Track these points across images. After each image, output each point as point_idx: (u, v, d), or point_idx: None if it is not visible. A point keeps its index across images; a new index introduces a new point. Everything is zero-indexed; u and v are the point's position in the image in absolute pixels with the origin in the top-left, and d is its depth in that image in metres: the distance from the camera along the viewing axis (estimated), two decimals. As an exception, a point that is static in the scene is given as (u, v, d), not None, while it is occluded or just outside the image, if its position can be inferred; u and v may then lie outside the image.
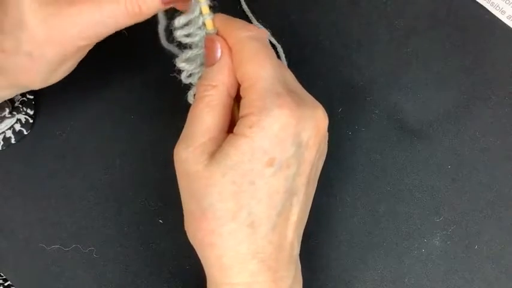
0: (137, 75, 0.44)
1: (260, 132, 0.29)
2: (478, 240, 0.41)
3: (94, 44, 0.35)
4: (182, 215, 0.41)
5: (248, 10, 0.44)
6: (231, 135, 0.30)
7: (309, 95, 0.33)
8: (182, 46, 0.34)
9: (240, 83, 0.31)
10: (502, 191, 0.42)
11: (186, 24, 0.33)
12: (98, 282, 0.40)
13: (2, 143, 0.42)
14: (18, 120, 0.42)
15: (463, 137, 0.43)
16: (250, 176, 0.29)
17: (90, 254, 0.41)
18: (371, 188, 0.42)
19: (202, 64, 0.34)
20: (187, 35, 0.34)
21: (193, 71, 0.34)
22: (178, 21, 0.33)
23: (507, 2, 0.44)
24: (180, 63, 0.34)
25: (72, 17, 0.32)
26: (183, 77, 0.35)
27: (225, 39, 0.32)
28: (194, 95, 0.33)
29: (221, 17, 0.33)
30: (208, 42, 0.32)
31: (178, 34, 0.33)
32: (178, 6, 0.33)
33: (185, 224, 0.32)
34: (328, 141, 0.34)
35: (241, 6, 0.44)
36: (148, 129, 0.43)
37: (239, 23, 0.32)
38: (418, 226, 0.41)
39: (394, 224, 0.41)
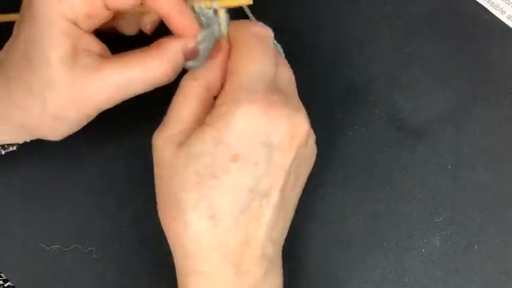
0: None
1: (226, 124, 0.29)
2: (478, 240, 0.41)
3: None
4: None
5: (248, 10, 0.44)
6: (201, 125, 0.30)
7: (297, 99, 0.33)
8: None
9: (227, 75, 0.31)
10: (502, 191, 0.42)
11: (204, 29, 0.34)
12: (98, 282, 0.40)
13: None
14: None
15: (463, 137, 0.43)
16: (213, 168, 0.29)
17: (90, 254, 0.41)
18: (371, 188, 0.42)
19: None
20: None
21: None
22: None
23: (507, 2, 0.44)
24: (188, 63, 0.34)
25: (98, 82, 0.32)
26: None
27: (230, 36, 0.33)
28: None
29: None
30: (215, 50, 0.33)
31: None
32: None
33: (158, 212, 0.32)
34: (328, 141, 0.34)
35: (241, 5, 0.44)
36: (149, 129, 0.43)
37: (249, 21, 0.33)
38: (418, 226, 0.41)
39: (394, 224, 0.41)
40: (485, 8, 0.45)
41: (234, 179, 0.30)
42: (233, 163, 0.29)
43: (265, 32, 0.33)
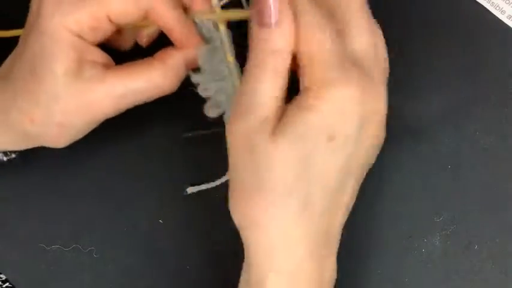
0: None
1: (327, 105, 0.28)
2: (478, 240, 0.41)
3: None
4: (183, 215, 0.41)
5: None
6: (295, 107, 0.29)
7: (375, 68, 0.31)
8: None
9: (300, 52, 0.29)
10: (502, 191, 0.42)
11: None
12: (98, 282, 0.41)
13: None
14: None
15: (463, 137, 0.43)
16: (314, 151, 0.28)
17: (90, 254, 0.41)
18: (371, 188, 0.42)
19: (220, 79, 0.34)
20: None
21: (208, 85, 0.35)
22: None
23: (507, 2, 0.44)
24: (195, 78, 0.35)
25: (103, 92, 0.33)
26: (200, 90, 0.35)
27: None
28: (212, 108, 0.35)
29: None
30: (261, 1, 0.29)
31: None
32: None
33: (234, 205, 0.31)
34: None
35: (242, 7, 0.44)
36: (149, 129, 0.43)
37: None
38: (418, 226, 0.41)
39: (394, 224, 0.41)
40: (485, 8, 0.45)
41: (331, 160, 0.29)
42: (332, 143, 0.28)
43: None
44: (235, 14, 0.35)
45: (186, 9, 0.35)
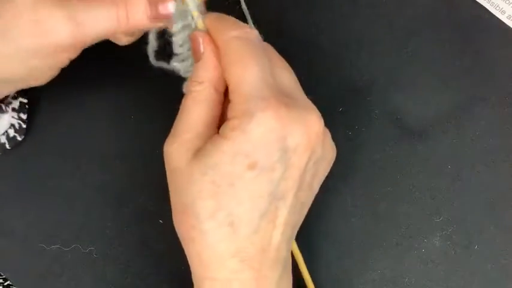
0: (137, 75, 0.44)
1: (242, 135, 0.29)
2: (478, 240, 0.41)
3: (73, 53, 0.35)
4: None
5: (247, 11, 0.44)
6: (215, 135, 0.30)
7: (305, 98, 0.32)
8: (174, 55, 0.35)
9: (228, 85, 0.31)
10: (502, 191, 0.42)
11: (183, 29, 0.34)
12: (98, 282, 0.41)
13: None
14: (12, 125, 0.41)
15: (463, 137, 0.43)
16: (230, 178, 0.29)
17: (90, 254, 0.41)
18: (371, 188, 0.42)
19: None
20: (181, 45, 0.34)
21: (188, 69, 0.35)
22: (177, 26, 0.34)
23: (507, 2, 0.44)
24: (173, 63, 0.35)
25: (59, 16, 0.33)
26: (182, 73, 0.35)
27: (211, 37, 0.32)
28: None
29: (211, 16, 0.33)
30: (193, 38, 0.32)
31: (175, 40, 0.34)
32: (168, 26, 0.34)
33: (172, 217, 0.32)
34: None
35: (240, 6, 0.44)
36: (148, 129, 0.43)
37: (227, 22, 0.32)
38: (418, 226, 0.41)
39: (394, 224, 0.41)
40: (485, 8, 0.45)
41: (252, 186, 0.30)
42: (250, 171, 0.29)
43: (249, 32, 0.32)
44: None
45: None
